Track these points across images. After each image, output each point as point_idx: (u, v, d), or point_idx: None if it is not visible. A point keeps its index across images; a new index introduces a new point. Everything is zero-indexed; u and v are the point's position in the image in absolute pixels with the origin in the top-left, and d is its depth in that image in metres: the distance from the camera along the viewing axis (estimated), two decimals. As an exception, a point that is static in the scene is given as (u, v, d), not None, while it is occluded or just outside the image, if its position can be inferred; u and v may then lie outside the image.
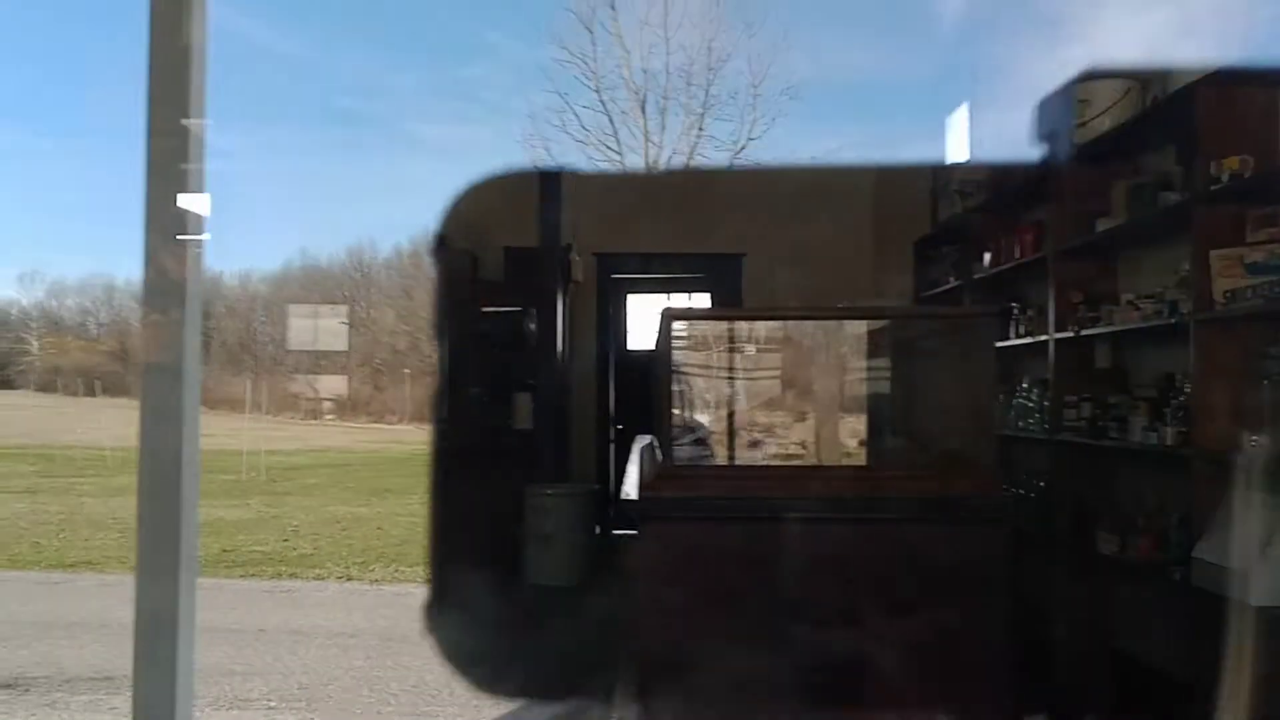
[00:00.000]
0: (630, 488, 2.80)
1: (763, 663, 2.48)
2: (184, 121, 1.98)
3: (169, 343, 1.99)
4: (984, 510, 2.45)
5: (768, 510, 2.51)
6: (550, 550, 6.80)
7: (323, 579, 10.45)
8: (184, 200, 2.01)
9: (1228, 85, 3.39)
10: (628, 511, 2.60)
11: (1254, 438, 3.23)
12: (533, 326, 7.46)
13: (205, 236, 2.09)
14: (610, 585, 6.58)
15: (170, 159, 1.98)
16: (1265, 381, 3.25)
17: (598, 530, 7.23)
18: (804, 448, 2.92)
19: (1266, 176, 3.22)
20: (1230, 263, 3.33)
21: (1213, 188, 3.36)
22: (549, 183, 6.96)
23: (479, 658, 4.88)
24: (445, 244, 7.81)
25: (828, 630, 2.50)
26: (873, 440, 2.97)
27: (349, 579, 10.00)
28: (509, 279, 7.98)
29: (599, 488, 7.12)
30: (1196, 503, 3.44)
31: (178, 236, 2.02)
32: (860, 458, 2.88)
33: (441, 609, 6.04)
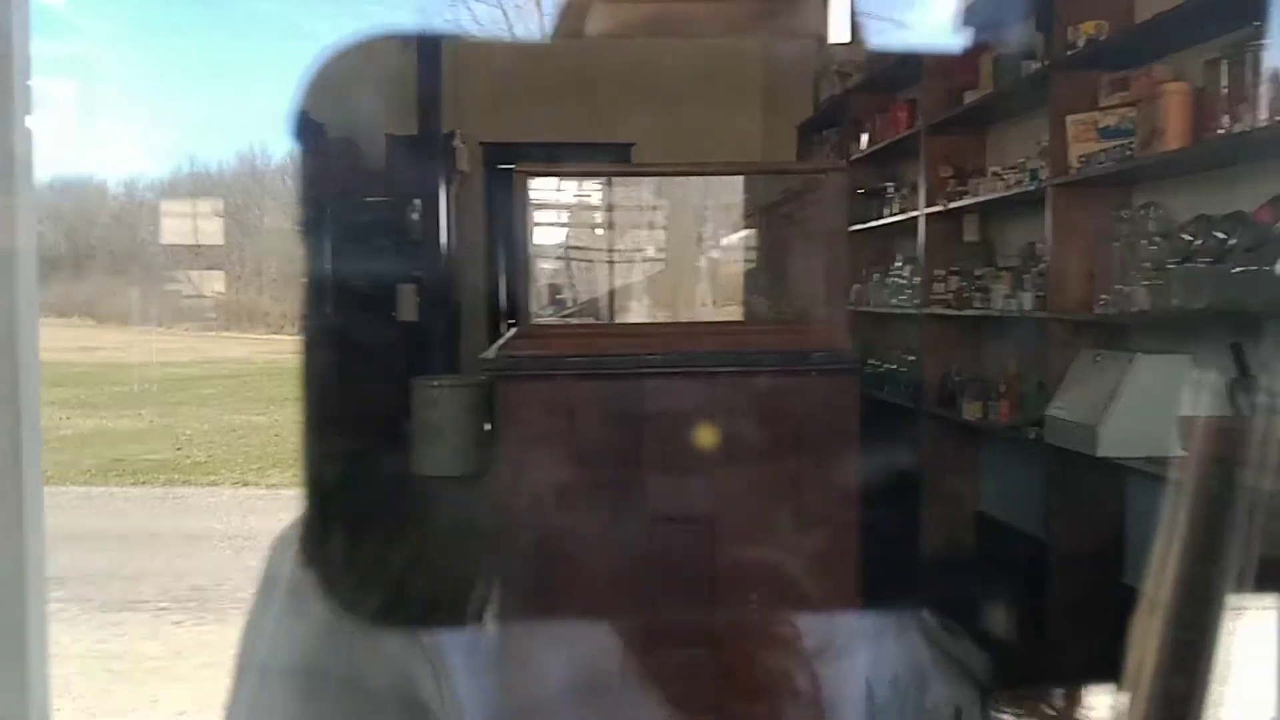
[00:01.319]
0: (491, 351, 2.80)
1: (616, 517, 2.53)
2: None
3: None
4: (832, 361, 2.50)
5: (628, 366, 2.54)
6: (438, 442, 6.78)
7: (217, 485, 10.32)
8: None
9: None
10: (484, 371, 2.60)
11: (1103, 297, 3.35)
12: (416, 218, 7.34)
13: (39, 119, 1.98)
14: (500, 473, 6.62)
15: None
16: (1115, 243, 3.36)
17: (489, 423, 7.23)
18: (671, 309, 2.95)
19: (1120, 40, 3.29)
20: (1085, 128, 3.41)
21: (1069, 53, 3.42)
22: (428, 57, 6.76)
23: (351, 555, 4.87)
24: (322, 131, 7.60)
25: (685, 482, 2.55)
26: (734, 299, 3.02)
27: (245, 484, 9.88)
28: (390, 168, 7.81)
29: (488, 379, 7.10)
30: (1052, 365, 3.58)
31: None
32: (721, 316, 2.94)
33: (317, 509, 6.02)
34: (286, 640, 1.37)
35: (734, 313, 2.92)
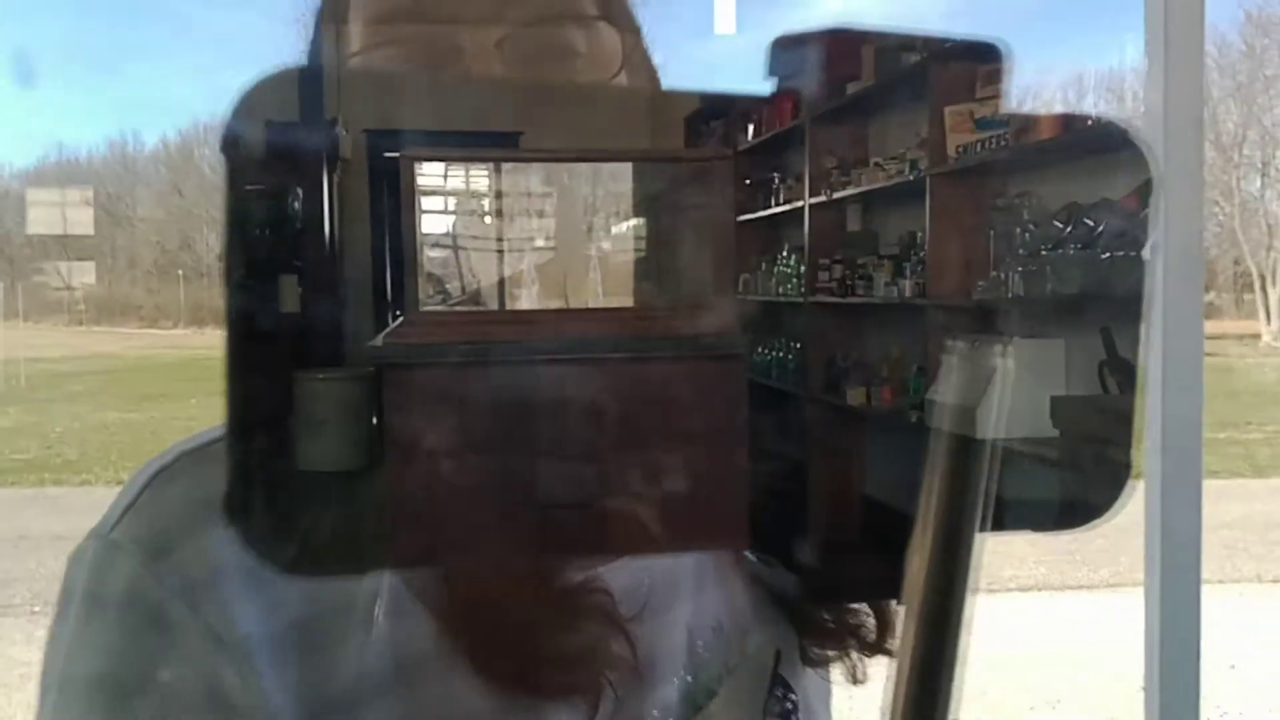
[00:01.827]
0: (378, 339, 2.74)
1: (505, 505, 2.51)
2: None
3: None
4: (720, 346, 2.53)
5: (518, 352, 2.52)
6: (323, 436, 6.64)
7: (90, 484, 9.92)
8: None
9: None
10: (370, 359, 2.55)
11: (981, 284, 3.44)
12: (298, 206, 7.16)
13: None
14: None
15: None
16: (992, 231, 3.45)
17: (376, 416, 7.10)
18: (561, 296, 2.93)
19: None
20: (962, 118, 3.49)
21: (947, 45, 3.51)
22: (309, 43, 6.61)
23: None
24: (240, 141, 7.34)
25: (575, 468, 2.55)
26: (624, 287, 3.01)
27: (119, 483, 9.54)
28: (271, 155, 7.59)
29: (375, 371, 6.98)
30: (932, 350, 3.66)
31: None
32: (611, 303, 2.92)
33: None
34: (85, 652, 1.33)
35: (624, 300, 2.91)
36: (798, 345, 5.09)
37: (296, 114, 5.48)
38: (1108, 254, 2.73)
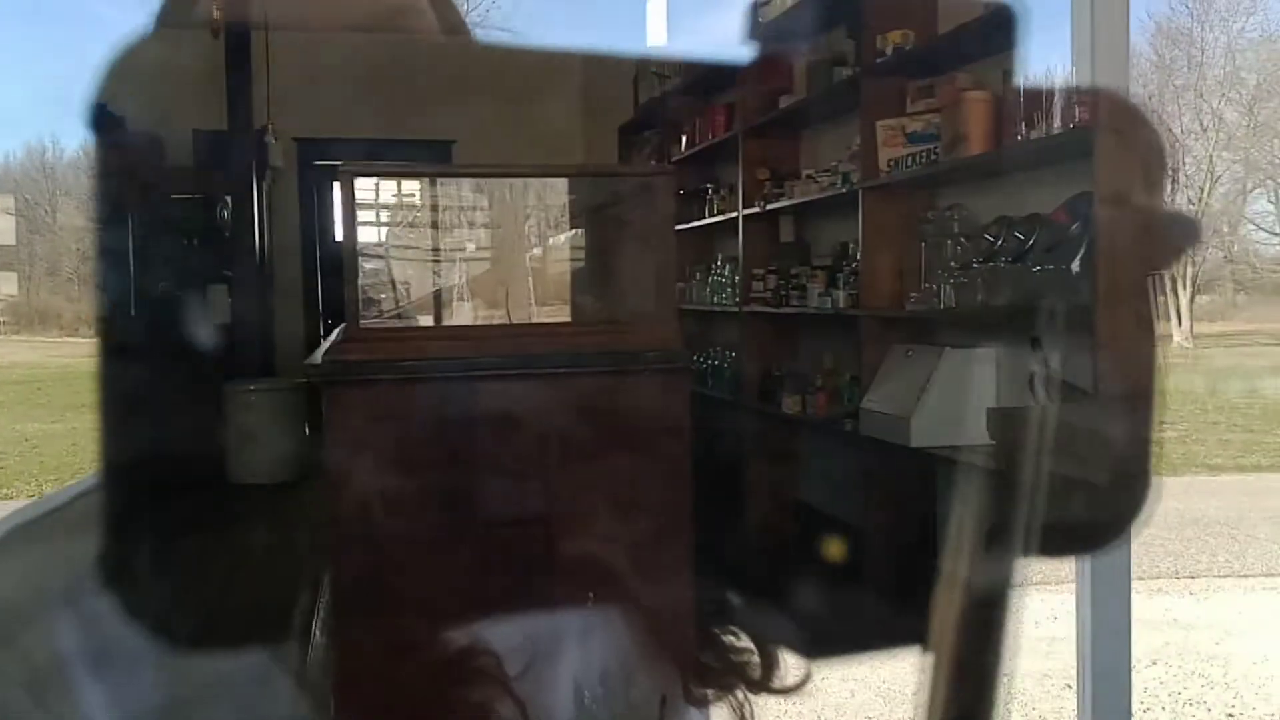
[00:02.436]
0: (316, 355, 2.72)
1: (450, 523, 2.51)
2: None
3: None
4: (666, 360, 2.55)
5: (459, 369, 2.52)
6: (254, 449, 6.55)
7: (11, 498, 9.68)
8: None
9: (891, -37, 3.60)
10: (310, 376, 2.53)
11: (913, 295, 3.53)
12: (227, 215, 7.05)
13: None
14: (318, 481, 6.42)
15: None
16: (923, 244, 3.54)
17: (307, 428, 7.02)
18: (505, 311, 2.92)
19: (926, 49, 3.47)
20: (893, 133, 3.57)
21: (878, 61, 3.59)
22: (237, 49, 6.49)
23: (159, 571, 4.64)
24: (121, 123, 7.19)
25: (520, 485, 2.55)
26: (567, 301, 3.02)
27: (41, 496, 9.31)
28: (199, 164, 7.48)
29: (307, 382, 6.89)
30: (865, 359, 3.74)
31: None
32: (555, 318, 2.93)
33: (121, 521, 5.71)
34: None
35: (566, 314, 2.91)
36: (733, 354, 5.11)
37: (225, 122, 5.42)
38: (1039, 267, 2.81)
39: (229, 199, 7.50)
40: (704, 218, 5.42)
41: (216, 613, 4.38)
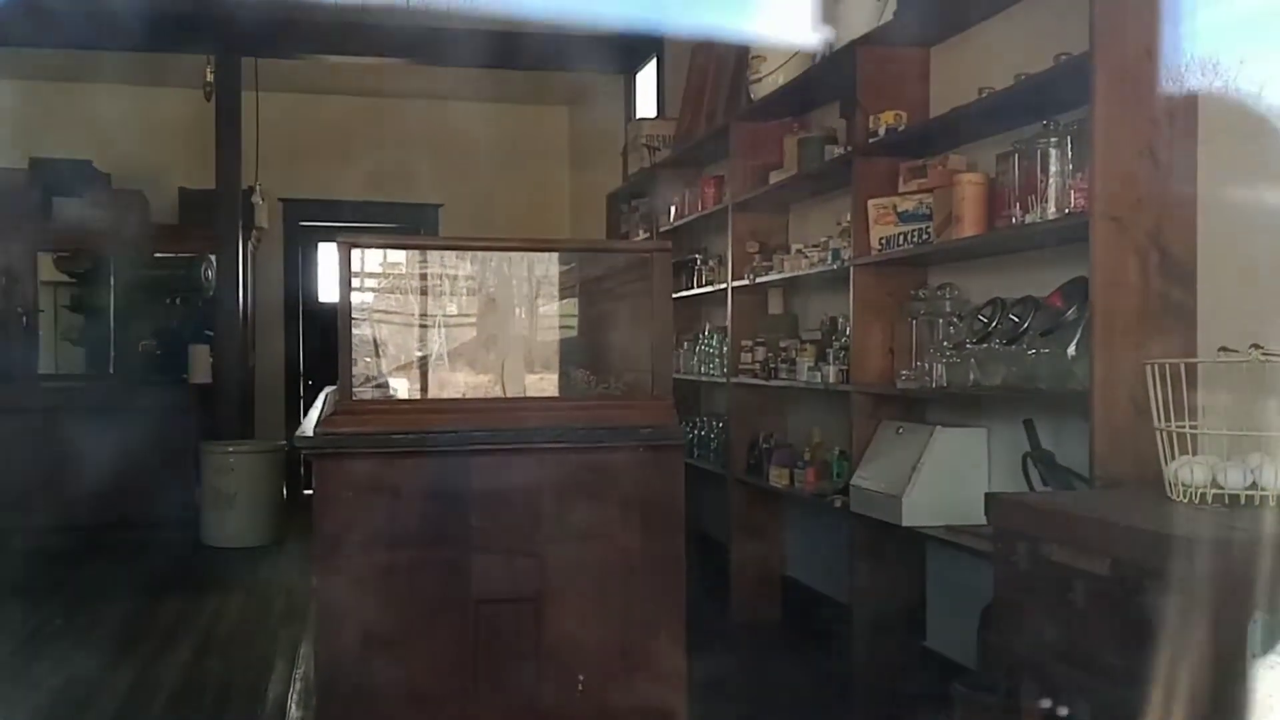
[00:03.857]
0: (307, 427, 2.69)
1: (441, 597, 2.47)
2: None
3: None
4: (662, 436, 2.53)
5: (453, 442, 2.49)
6: (232, 511, 6.47)
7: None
8: None
9: (884, 45, 3.65)
10: (301, 449, 2.50)
11: (904, 372, 3.53)
12: (211, 274, 7.03)
13: None
14: (299, 544, 6.36)
15: None
16: (913, 321, 3.55)
17: (285, 490, 6.95)
18: (498, 385, 2.91)
19: (917, 130, 3.50)
20: (885, 211, 3.60)
21: (871, 141, 3.62)
22: (227, 109, 6.51)
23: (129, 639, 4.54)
24: (106, 181, 7.19)
25: (511, 560, 2.51)
26: (562, 375, 3.02)
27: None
28: (185, 222, 7.46)
29: (286, 444, 6.83)
30: (855, 435, 3.73)
31: None
32: (550, 391, 2.92)
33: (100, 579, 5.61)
34: None
35: (561, 387, 2.90)
36: (720, 425, 5.10)
37: (212, 181, 5.40)
38: (1034, 350, 2.81)
39: (213, 258, 7.50)
40: (693, 288, 5.44)
41: (187, 686, 4.26)
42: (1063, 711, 2.06)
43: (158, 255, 7.37)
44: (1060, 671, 2.08)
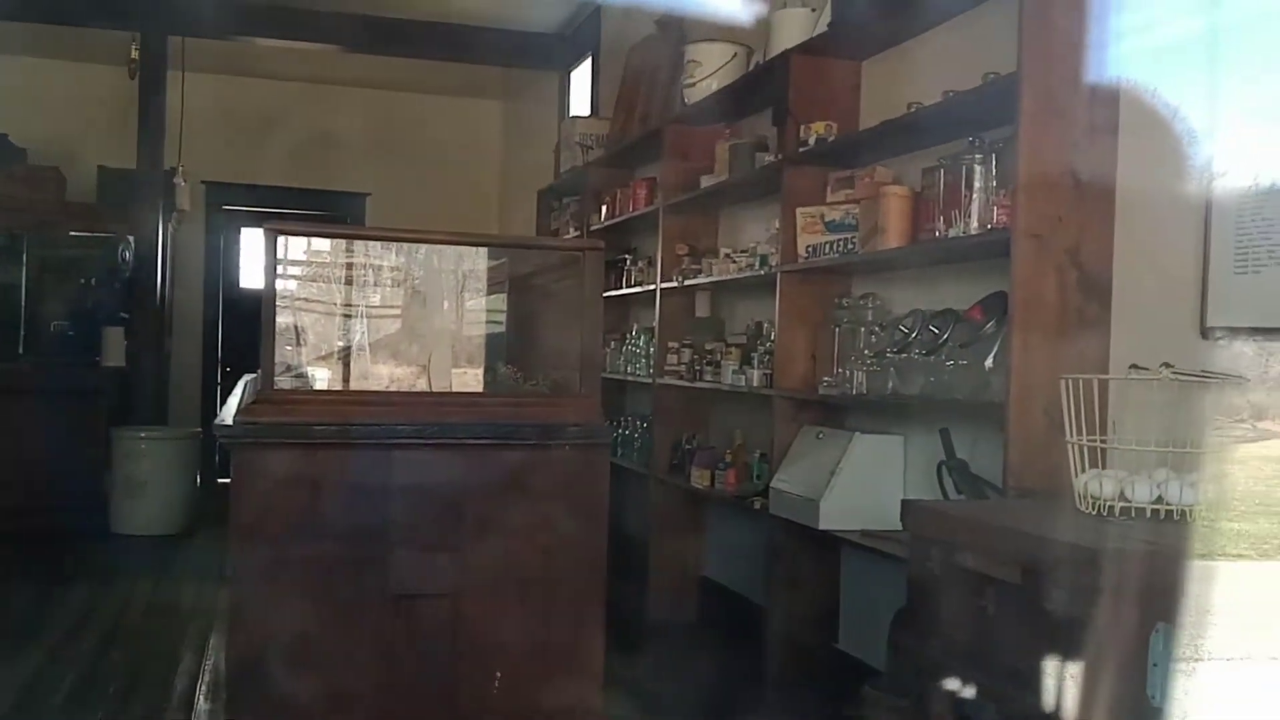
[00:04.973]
0: (226, 415, 2.64)
1: (358, 592, 2.45)
2: None
3: None
4: (588, 435, 2.54)
5: (376, 435, 2.47)
6: (143, 498, 6.32)
7: None
8: None
9: (817, 56, 3.70)
10: (220, 438, 2.46)
11: (826, 378, 3.58)
12: (129, 256, 6.85)
13: None
14: (211, 534, 6.23)
15: None
16: (836, 329, 3.60)
17: (199, 479, 6.81)
18: (424, 378, 2.89)
19: (846, 141, 3.55)
20: (813, 220, 3.65)
21: (801, 150, 3.66)
22: (152, 89, 6.35)
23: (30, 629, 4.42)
24: (22, 155, 6.97)
25: (432, 556, 2.50)
26: (489, 371, 3.01)
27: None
28: (103, 201, 7.27)
29: (201, 432, 6.69)
30: (776, 438, 3.77)
31: None
32: (476, 387, 2.90)
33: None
34: None
35: (488, 383, 2.89)
36: (644, 424, 5.12)
37: (134, 161, 5.29)
38: (953, 361, 2.87)
39: (132, 239, 7.31)
40: (621, 287, 5.45)
41: (91, 676, 4.17)
42: (970, 715, 2.11)
43: (74, 234, 7.16)
44: (969, 676, 2.13)
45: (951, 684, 2.21)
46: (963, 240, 2.83)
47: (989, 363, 2.73)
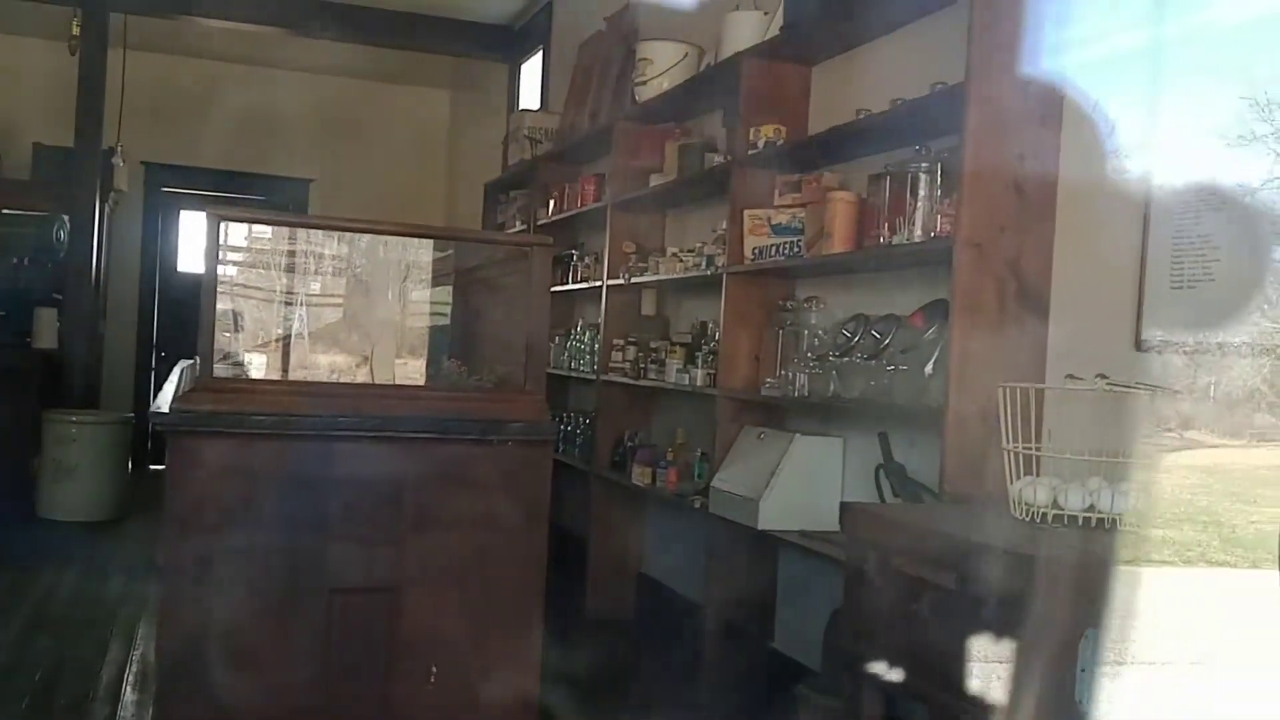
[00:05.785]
0: (163, 402, 2.60)
1: (294, 585, 2.42)
2: None
3: None
4: (532, 432, 2.53)
5: (315, 426, 2.44)
6: (72, 483, 6.19)
7: None
8: None
9: (768, 59, 3.72)
10: (156, 425, 2.42)
11: (769, 380, 3.60)
12: (64, 235, 6.70)
13: None
14: (142, 521, 6.13)
15: None
16: (780, 331, 3.63)
17: (131, 465, 6.69)
18: (366, 370, 2.86)
19: (795, 145, 3.58)
20: (760, 222, 3.67)
21: (750, 152, 3.68)
22: (91, 66, 6.22)
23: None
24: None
25: (370, 550, 2.48)
26: (433, 364, 2.98)
27: None
28: (38, 179, 7.11)
29: (134, 417, 6.57)
30: (718, 438, 3.79)
31: None
32: (419, 379, 2.88)
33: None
34: None
35: (431, 376, 2.87)
36: (587, 421, 5.12)
37: (71, 139, 5.19)
38: (893, 366, 2.91)
39: (67, 218, 7.15)
40: (568, 283, 5.44)
41: (15, 664, 4.08)
42: (901, 716, 2.14)
43: (6, 211, 7.00)
44: (902, 677, 2.16)
45: (884, 685, 2.24)
46: (906, 247, 2.87)
47: (929, 369, 2.77)
